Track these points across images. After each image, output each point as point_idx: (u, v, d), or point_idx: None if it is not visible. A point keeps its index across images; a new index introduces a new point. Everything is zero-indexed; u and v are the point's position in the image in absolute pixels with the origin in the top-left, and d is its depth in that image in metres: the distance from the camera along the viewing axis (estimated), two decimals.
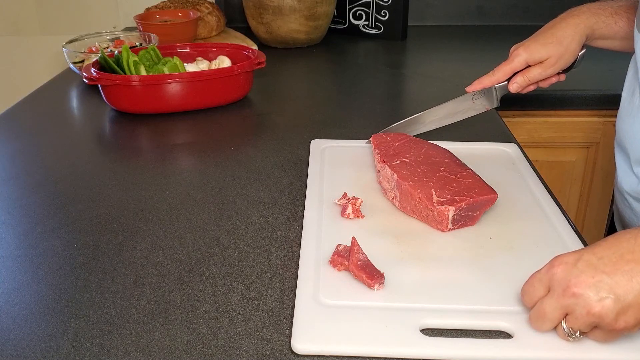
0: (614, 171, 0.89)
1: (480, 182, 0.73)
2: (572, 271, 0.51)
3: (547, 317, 0.52)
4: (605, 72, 1.30)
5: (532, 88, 0.93)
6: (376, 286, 0.60)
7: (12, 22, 1.80)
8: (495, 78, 0.92)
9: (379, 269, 0.61)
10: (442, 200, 0.69)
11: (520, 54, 0.89)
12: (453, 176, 0.74)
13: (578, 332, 0.52)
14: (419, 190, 0.72)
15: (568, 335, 0.52)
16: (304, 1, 1.49)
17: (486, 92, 0.93)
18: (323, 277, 0.62)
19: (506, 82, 0.92)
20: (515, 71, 0.91)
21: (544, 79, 0.91)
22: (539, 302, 0.53)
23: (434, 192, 0.71)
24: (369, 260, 0.62)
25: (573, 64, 0.90)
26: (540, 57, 0.88)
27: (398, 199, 0.75)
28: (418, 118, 0.96)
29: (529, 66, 0.90)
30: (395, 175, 0.75)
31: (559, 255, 0.53)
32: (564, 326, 0.52)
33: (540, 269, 0.53)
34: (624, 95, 0.84)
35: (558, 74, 0.91)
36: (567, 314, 0.52)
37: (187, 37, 1.50)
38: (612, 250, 0.51)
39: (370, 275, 0.60)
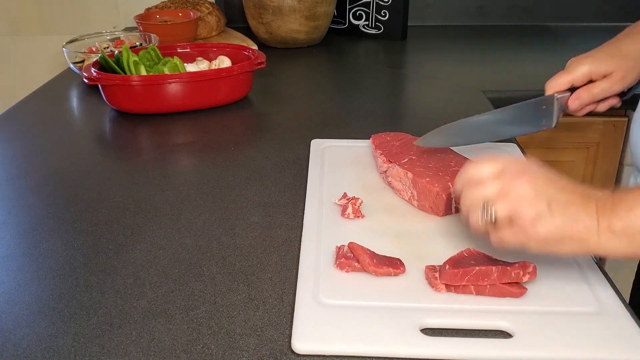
0: (614, 171, 0.89)
1: None
2: (534, 173, 0.57)
3: (486, 191, 0.57)
4: None
5: (588, 109, 0.83)
6: (402, 268, 0.62)
7: (12, 22, 1.80)
8: (554, 84, 0.80)
9: None
10: None
11: (583, 65, 0.79)
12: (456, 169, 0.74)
13: (494, 219, 0.56)
14: (436, 185, 0.72)
15: (486, 222, 0.56)
16: (304, 1, 1.49)
17: (547, 104, 0.79)
18: (323, 277, 0.62)
19: (566, 94, 0.80)
20: (574, 84, 0.80)
21: (603, 100, 0.82)
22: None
23: (450, 186, 0.71)
24: (377, 253, 0.63)
25: (632, 91, 0.82)
26: (606, 69, 0.79)
27: (416, 198, 0.75)
28: (474, 119, 0.80)
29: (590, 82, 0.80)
30: (409, 173, 0.75)
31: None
32: (483, 210, 0.56)
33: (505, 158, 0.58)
34: None
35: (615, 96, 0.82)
36: (496, 199, 0.56)
37: (187, 37, 1.50)
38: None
39: (393, 264, 0.62)
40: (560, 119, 0.80)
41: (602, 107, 0.83)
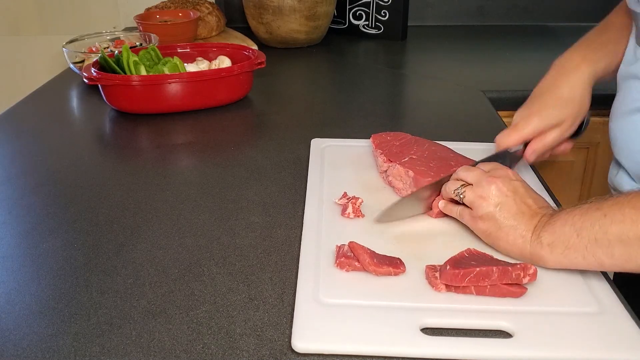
0: None
1: None
2: (510, 183, 0.66)
3: (469, 176, 0.68)
4: None
5: (544, 157, 0.85)
6: (402, 268, 0.62)
7: (12, 22, 1.80)
8: (505, 141, 0.82)
9: None
10: None
11: (531, 124, 0.80)
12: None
13: (462, 197, 0.67)
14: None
15: (455, 195, 0.69)
16: (304, 1, 1.49)
17: (503, 159, 0.81)
18: (323, 277, 0.62)
19: (520, 148, 0.82)
20: (526, 140, 0.82)
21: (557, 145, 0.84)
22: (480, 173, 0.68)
23: None
24: (377, 253, 0.63)
25: (581, 129, 0.84)
26: (556, 122, 0.81)
27: None
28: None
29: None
30: (411, 172, 0.75)
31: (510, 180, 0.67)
32: (459, 188, 0.68)
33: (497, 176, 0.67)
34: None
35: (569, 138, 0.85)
36: (472, 185, 0.67)
37: (187, 37, 1.50)
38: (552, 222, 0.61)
39: (394, 264, 0.62)
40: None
41: (557, 152, 0.86)
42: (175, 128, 1.07)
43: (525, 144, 0.82)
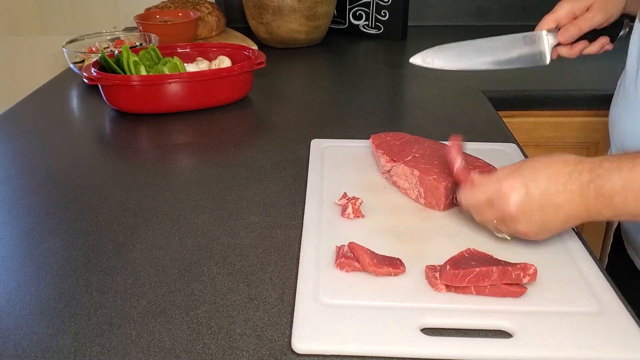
0: None
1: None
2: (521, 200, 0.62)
3: (484, 218, 0.66)
4: (604, 72, 1.30)
5: (580, 47, 0.89)
6: (402, 268, 0.62)
7: (12, 22, 1.80)
8: (541, 24, 0.87)
9: None
10: None
11: (565, 4, 0.86)
12: (470, 167, 0.73)
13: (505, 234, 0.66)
14: (443, 183, 0.72)
15: (500, 235, 0.67)
16: (304, 1, 1.49)
17: (536, 39, 0.87)
18: (323, 277, 0.62)
19: (555, 30, 0.87)
20: (560, 23, 0.87)
21: (593, 41, 0.87)
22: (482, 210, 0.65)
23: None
24: (377, 253, 0.63)
25: (619, 31, 0.87)
26: (586, 3, 0.85)
27: (423, 195, 0.75)
28: (470, 44, 0.90)
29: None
30: (416, 171, 0.75)
31: (506, 178, 0.63)
32: (496, 229, 0.66)
33: (489, 185, 0.64)
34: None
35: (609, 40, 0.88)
36: (497, 219, 0.65)
37: (187, 37, 1.50)
38: (550, 184, 0.61)
39: (393, 264, 0.62)
40: (553, 57, 0.88)
41: (594, 47, 0.88)
42: (175, 128, 1.07)
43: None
